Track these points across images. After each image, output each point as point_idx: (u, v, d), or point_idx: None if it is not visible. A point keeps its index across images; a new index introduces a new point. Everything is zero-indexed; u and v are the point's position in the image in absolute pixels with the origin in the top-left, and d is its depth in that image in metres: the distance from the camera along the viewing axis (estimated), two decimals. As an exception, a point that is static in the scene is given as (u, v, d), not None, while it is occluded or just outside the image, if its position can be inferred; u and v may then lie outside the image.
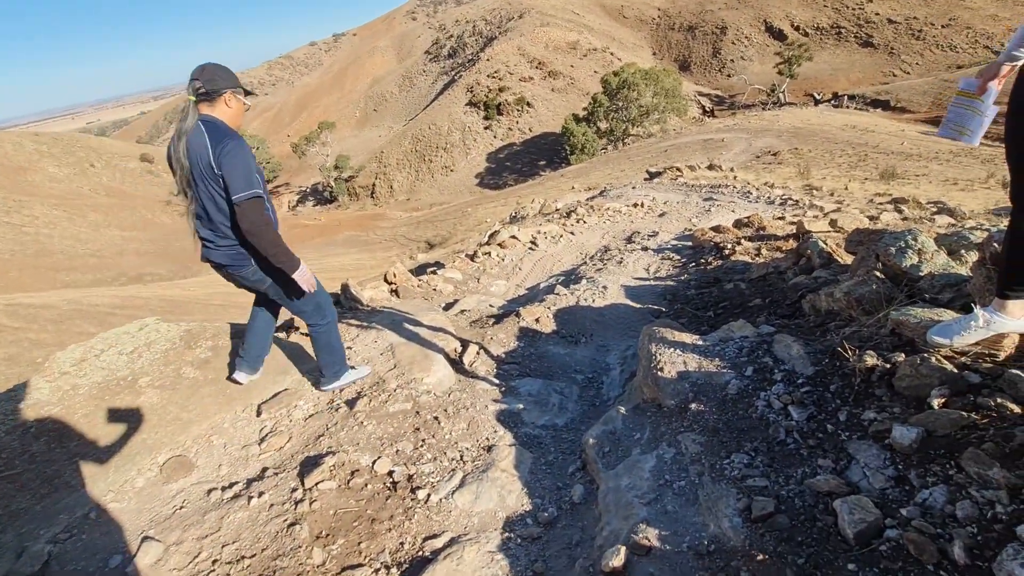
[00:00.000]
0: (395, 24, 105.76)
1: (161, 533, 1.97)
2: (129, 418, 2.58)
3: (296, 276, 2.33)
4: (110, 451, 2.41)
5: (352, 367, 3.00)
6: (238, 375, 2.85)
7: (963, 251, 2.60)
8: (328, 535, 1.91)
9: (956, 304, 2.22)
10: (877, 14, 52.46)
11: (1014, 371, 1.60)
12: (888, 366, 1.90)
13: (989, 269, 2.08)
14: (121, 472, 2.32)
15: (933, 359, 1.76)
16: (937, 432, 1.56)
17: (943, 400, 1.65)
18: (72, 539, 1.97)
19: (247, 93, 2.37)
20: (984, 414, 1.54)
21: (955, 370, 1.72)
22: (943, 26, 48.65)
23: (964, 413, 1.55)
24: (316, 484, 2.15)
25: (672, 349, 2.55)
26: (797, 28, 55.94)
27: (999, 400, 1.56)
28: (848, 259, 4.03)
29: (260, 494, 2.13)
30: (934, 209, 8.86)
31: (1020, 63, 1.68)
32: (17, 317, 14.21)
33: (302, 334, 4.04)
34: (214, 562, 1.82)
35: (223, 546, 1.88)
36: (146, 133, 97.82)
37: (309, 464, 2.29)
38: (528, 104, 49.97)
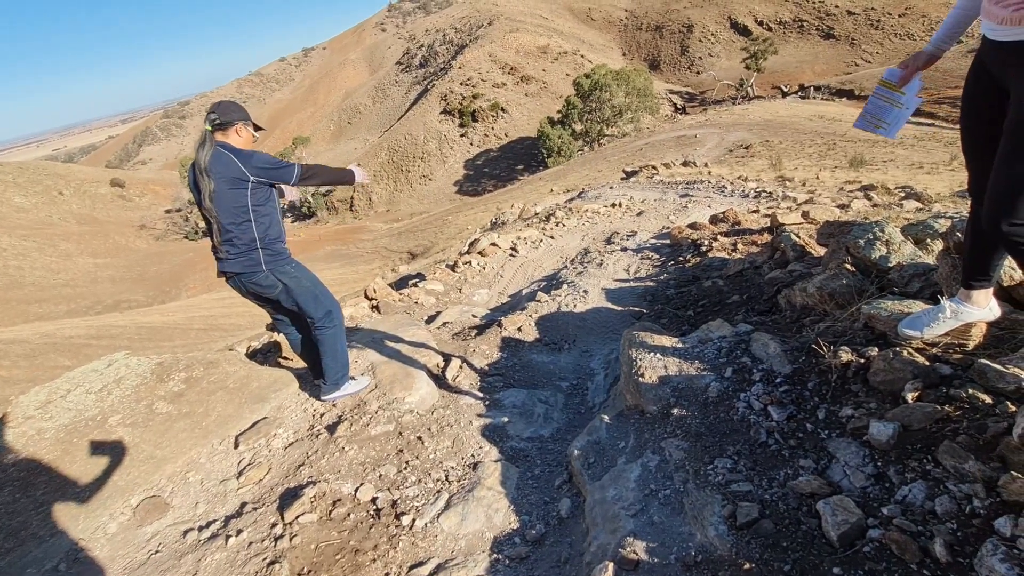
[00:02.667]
0: (365, 36, 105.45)
1: (135, 582, 1.89)
2: (99, 460, 2.48)
3: (356, 173, 2.79)
4: (80, 496, 2.31)
5: (353, 378, 3.03)
6: (323, 396, 2.94)
7: (929, 240, 2.64)
8: (310, 571, 1.85)
9: (925, 294, 2.26)
10: (836, 7, 53.88)
11: (983, 361, 1.62)
12: (863, 361, 1.91)
13: (954, 258, 2.12)
14: (92, 518, 2.23)
15: (905, 352, 1.77)
16: (913, 427, 1.57)
17: (917, 394, 1.66)
18: (40, 595, 1.88)
19: (256, 128, 2.71)
20: (957, 406, 1.56)
21: (927, 363, 1.74)
22: (899, 15, 50.20)
23: (937, 406, 1.57)
24: (296, 517, 2.09)
25: (652, 354, 2.55)
26: (761, 23, 57.16)
27: (970, 391, 1.57)
28: (821, 251, 4.09)
29: (238, 532, 2.06)
30: (902, 194, 9.09)
31: (942, 54, 1.70)
32: (-14, 355, 13.72)
33: (282, 357, 3.96)
34: (191, 609, 1.75)
35: (200, 591, 1.81)
36: (115, 157, 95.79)
37: (289, 496, 2.22)
38: (502, 110, 50.15)
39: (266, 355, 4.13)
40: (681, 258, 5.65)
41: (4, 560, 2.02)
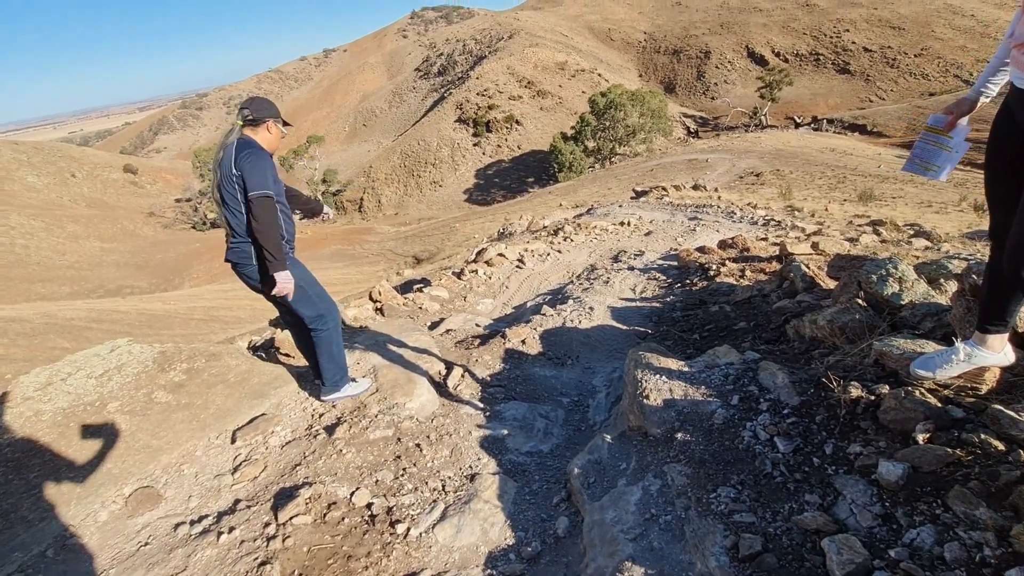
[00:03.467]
0: (386, 41, 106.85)
1: (123, 573, 1.86)
2: (95, 446, 2.46)
3: (277, 276, 2.50)
4: (72, 482, 2.29)
5: (353, 380, 3.02)
6: (323, 397, 2.94)
7: (942, 280, 2.63)
8: (301, 575, 1.82)
9: (937, 334, 2.24)
10: (854, 43, 54.41)
11: (996, 406, 1.60)
12: (873, 398, 1.89)
13: (969, 300, 2.10)
14: (83, 505, 2.21)
15: (917, 392, 1.75)
16: (923, 468, 1.55)
17: (928, 435, 1.64)
18: (26, 580, 1.85)
19: (285, 124, 2.73)
20: (968, 450, 1.54)
21: (939, 404, 1.72)
22: (916, 55, 50.62)
23: (949, 449, 1.55)
24: (290, 518, 2.06)
25: (658, 376, 2.53)
26: (778, 54, 57.72)
27: (983, 436, 1.55)
28: (830, 283, 4.08)
29: (231, 529, 2.03)
30: (911, 232, 9.09)
31: (990, 98, 1.72)
32: (-14, 331, 13.74)
33: (283, 354, 3.95)
34: (178, 605, 1.72)
35: (188, 588, 1.78)
36: (130, 144, 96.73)
37: (284, 496, 2.20)
38: (517, 122, 50.56)
39: (268, 351, 4.12)
40: (688, 281, 5.64)
41: (-7, 541, 2.00)
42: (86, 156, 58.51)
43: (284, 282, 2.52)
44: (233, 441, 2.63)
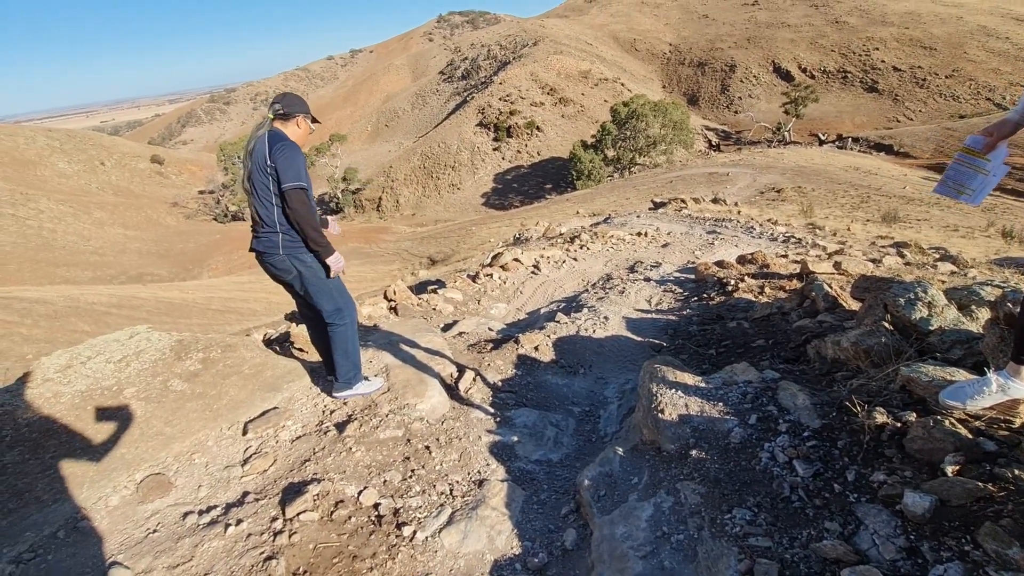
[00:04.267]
0: (412, 44, 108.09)
1: (131, 559, 1.87)
2: (110, 430, 2.49)
3: (330, 260, 2.67)
4: (86, 465, 2.32)
5: (366, 378, 3.04)
6: (335, 393, 2.96)
7: (974, 307, 2.55)
8: (306, 572, 1.81)
9: (967, 363, 2.16)
10: (883, 61, 53.60)
11: (1032, 441, 1.53)
12: (899, 425, 1.83)
13: (1003, 329, 2.03)
14: (96, 488, 2.23)
15: (947, 422, 1.69)
16: (951, 502, 1.49)
17: (957, 467, 1.58)
18: (36, 560, 1.87)
19: (314, 120, 2.81)
20: (1001, 486, 1.47)
21: (970, 436, 1.65)
22: (947, 76, 49.68)
23: (980, 483, 1.48)
24: (298, 514, 2.06)
25: (673, 390, 2.48)
26: (804, 70, 57.09)
27: (1016, 472, 1.49)
28: (853, 304, 3.98)
29: (238, 522, 2.03)
30: (936, 255, 8.87)
31: None
32: (11, 311, 14.10)
33: (297, 348, 3.97)
34: (183, 595, 1.72)
35: (194, 578, 1.78)
36: (159, 135, 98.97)
37: (292, 491, 2.20)
38: (538, 128, 50.67)
39: (282, 344, 4.15)
40: (705, 295, 5.56)
41: (6, 520, 2.02)
42: (116, 145, 60.01)
43: (335, 263, 2.69)
44: (244, 433, 2.64)
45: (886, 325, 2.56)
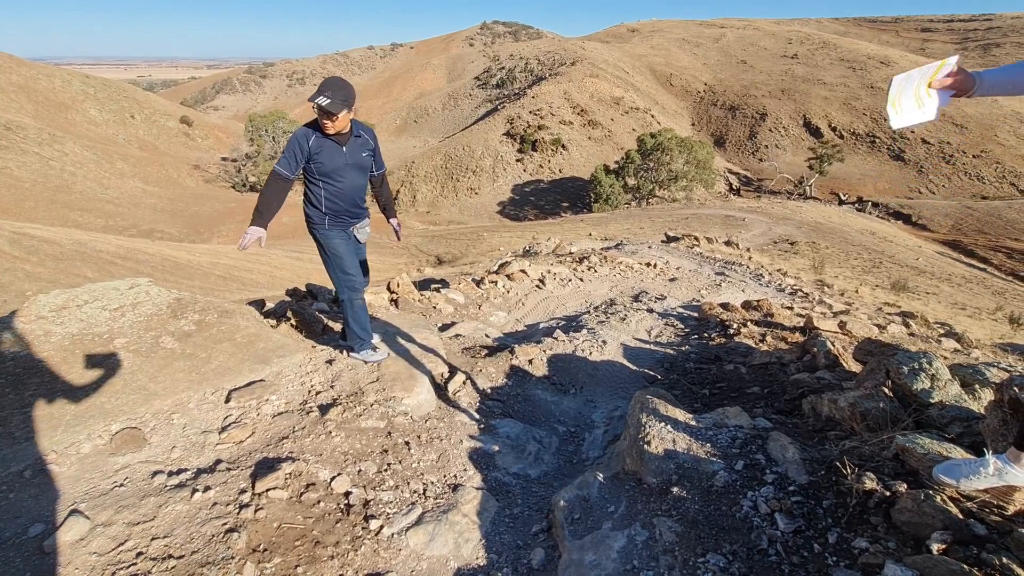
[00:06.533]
0: (453, 46, 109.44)
1: (92, 509, 1.84)
2: (94, 377, 2.47)
3: (247, 231, 2.73)
4: (64, 408, 2.29)
5: (374, 347, 3.25)
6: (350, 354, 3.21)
7: (977, 387, 2.51)
8: (266, 550, 1.77)
9: (965, 441, 2.12)
10: (913, 132, 53.76)
11: (1023, 531, 1.49)
12: (888, 494, 1.79)
13: (1006, 413, 1.99)
14: (70, 433, 2.21)
15: (939, 498, 1.65)
16: (933, 580, 1.44)
17: (944, 546, 1.53)
18: (-1, 495, 1.84)
19: (312, 99, 2.81)
20: (987, 573, 1.43)
21: (960, 515, 1.61)
22: (974, 156, 49.77)
23: (966, 566, 1.44)
24: (267, 490, 2.02)
25: (663, 424, 2.45)
26: (834, 129, 57.37)
27: (1004, 560, 1.44)
28: (854, 366, 3.94)
29: (206, 488, 2.00)
30: (941, 331, 8.79)
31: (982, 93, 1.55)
32: (19, 246, 14.17)
33: (292, 325, 3.95)
34: (138, 555, 1.68)
35: (152, 539, 1.75)
36: (192, 97, 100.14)
37: (265, 466, 2.16)
38: (563, 146, 50.98)
39: (279, 319, 4.13)
40: (706, 334, 5.52)
41: (-24, 450, 2.00)
42: (148, 100, 60.70)
43: (246, 235, 2.73)
44: (227, 401, 2.61)
45: (886, 391, 2.52)
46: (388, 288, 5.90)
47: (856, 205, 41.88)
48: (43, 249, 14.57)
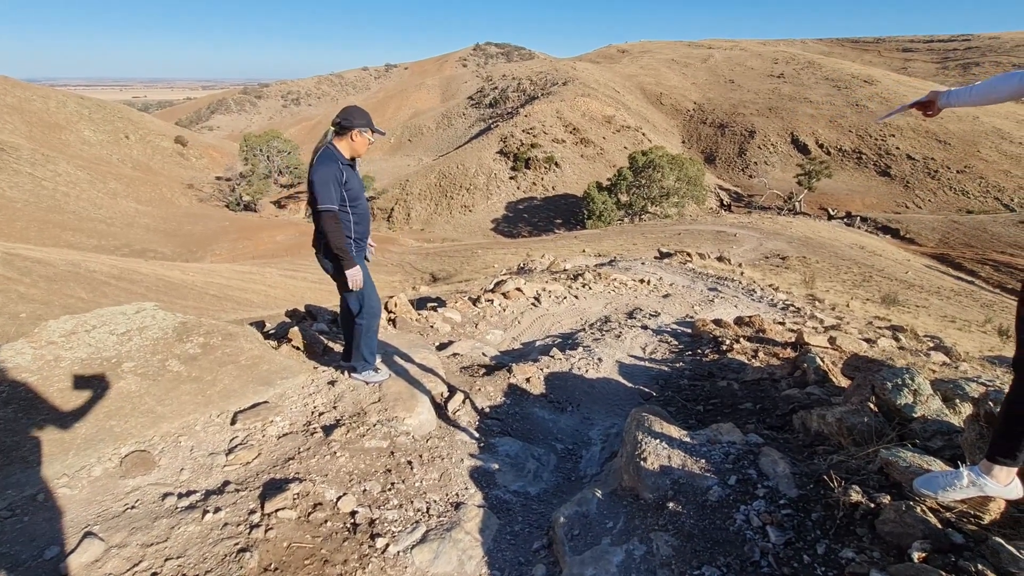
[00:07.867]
0: (446, 67, 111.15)
1: (106, 532, 1.89)
2: (103, 401, 2.53)
3: (348, 273, 2.85)
4: (75, 432, 2.35)
5: (376, 369, 3.30)
6: (352, 375, 3.26)
7: (958, 400, 2.62)
8: (277, 569, 1.83)
9: (945, 454, 2.22)
10: (898, 148, 55.01)
11: (998, 539, 1.58)
12: (872, 505, 1.88)
13: (982, 426, 2.09)
14: (81, 456, 2.26)
15: (919, 509, 1.74)
16: (915, 588, 1.53)
17: (924, 554, 1.62)
18: (13, 519, 1.89)
19: (374, 131, 2.93)
20: (964, 579, 1.51)
21: (939, 525, 1.70)
22: (958, 171, 50.87)
23: (944, 573, 1.52)
24: (276, 511, 2.08)
25: (658, 440, 2.53)
26: (821, 146, 58.55)
27: (980, 567, 1.53)
28: (843, 380, 4.05)
29: (216, 510, 2.05)
30: (931, 344, 8.94)
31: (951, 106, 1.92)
32: (12, 267, 14.11)
33: (294, 347, 4.02)
34: (153, 575, 1.73)
35: (166, 559, 1.80)
36: (187, 117, 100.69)
37: (273, 487, 2.22)
38: (556, 164, 51.62)
39: (280, 340, 4.20)
40: (700, 351, 5.62)
41: (-9, 475, 2.04)
42: (143, 121, 61.02)
43: (353, 278, 2.87)
44: (233, 423, 2.67)
45: (871, 406, 2.62)
46: (386, 307, 5.98)
47: (845, 220, 42.55)
48: (36, 270, 14.53)
